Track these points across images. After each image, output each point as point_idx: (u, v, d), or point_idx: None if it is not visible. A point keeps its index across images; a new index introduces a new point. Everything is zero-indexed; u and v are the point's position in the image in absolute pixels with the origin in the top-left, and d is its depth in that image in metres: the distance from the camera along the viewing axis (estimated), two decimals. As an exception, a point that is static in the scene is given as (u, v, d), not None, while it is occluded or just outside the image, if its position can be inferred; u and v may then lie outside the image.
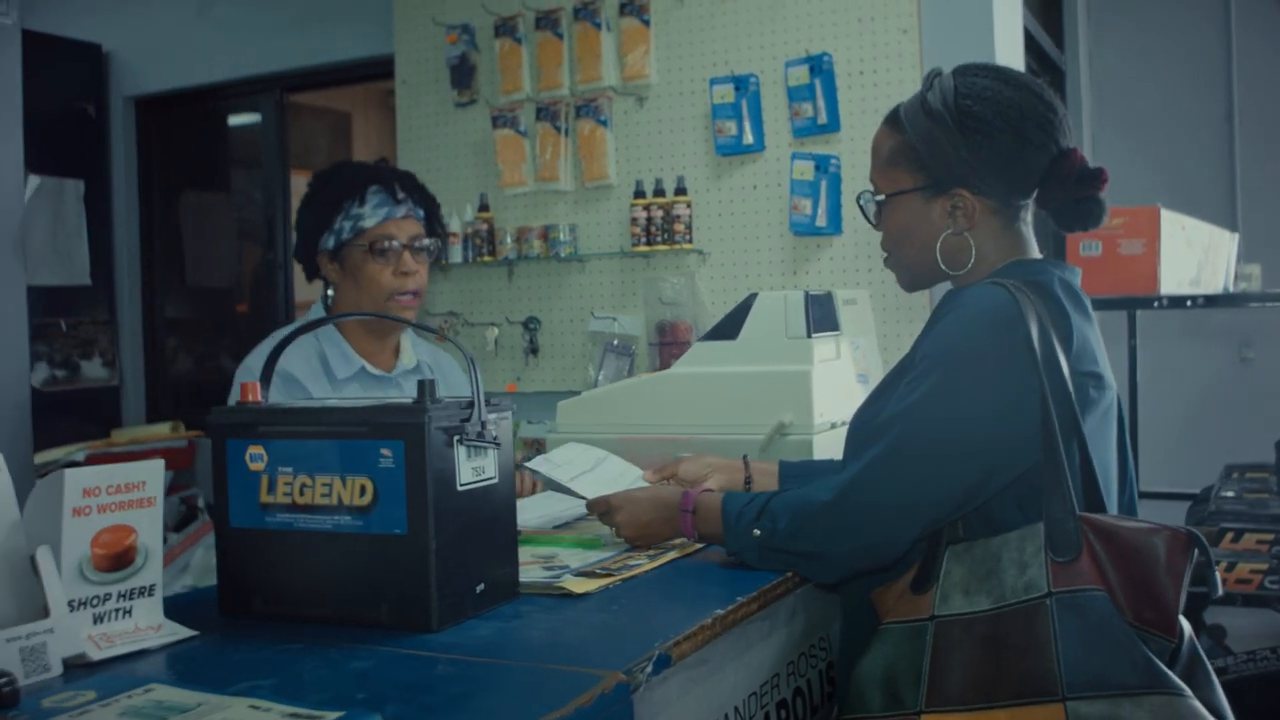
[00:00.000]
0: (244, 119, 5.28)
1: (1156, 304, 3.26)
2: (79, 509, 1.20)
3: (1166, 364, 4.75)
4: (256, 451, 1.34)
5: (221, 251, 5.46)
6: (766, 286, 3.23)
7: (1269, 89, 5.18)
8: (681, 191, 3.33)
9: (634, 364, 3.39)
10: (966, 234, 1.57)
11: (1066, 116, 1.57)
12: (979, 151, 1.52)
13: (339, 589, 1.31)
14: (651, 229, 3.33)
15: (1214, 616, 3.22)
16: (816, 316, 2.22)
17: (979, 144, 1.52)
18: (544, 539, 1.78)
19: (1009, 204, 1.57)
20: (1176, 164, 5.21)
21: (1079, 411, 1.40)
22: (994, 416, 1.41)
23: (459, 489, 1.29)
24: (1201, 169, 5.24)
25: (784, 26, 3.24)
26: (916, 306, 3.00)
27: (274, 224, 5.03)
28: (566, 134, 3.51)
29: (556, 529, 1.89)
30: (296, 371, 2.09)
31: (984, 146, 1.52)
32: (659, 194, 3.34)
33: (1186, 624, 1.28)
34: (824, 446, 2.09)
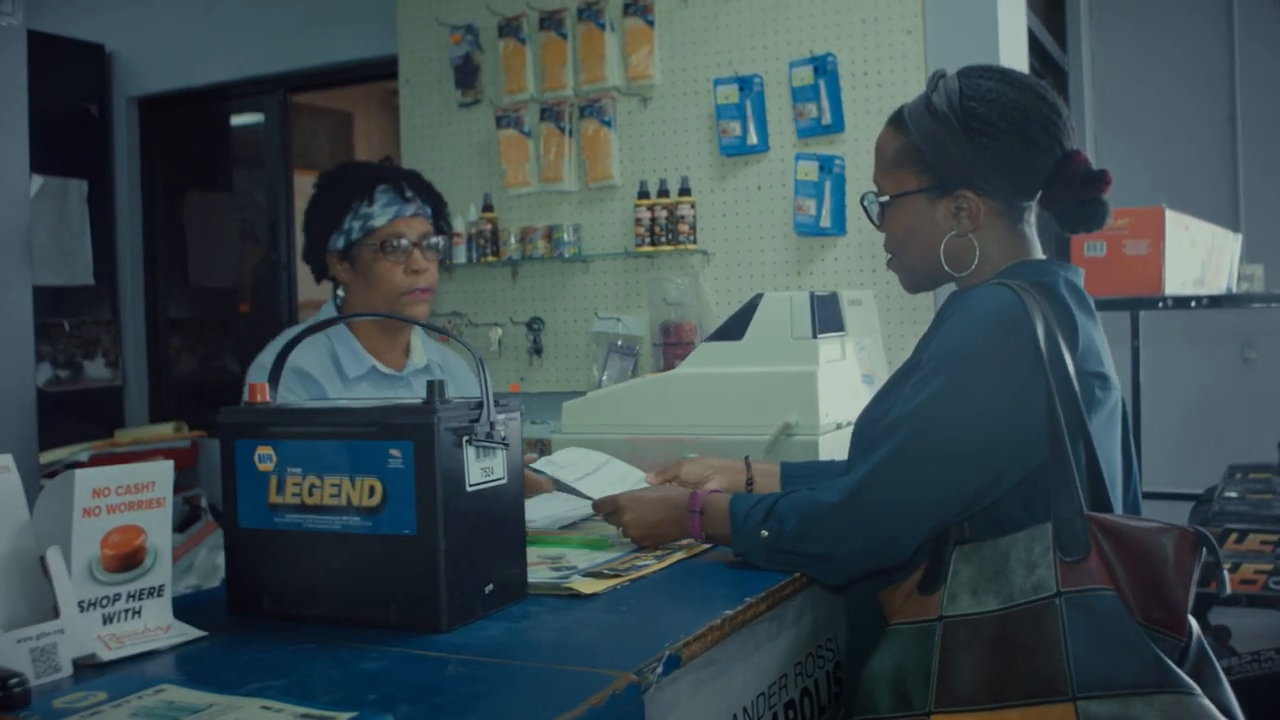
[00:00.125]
0: (247, 119, 5.28)
1: (1161, 304, 3.26)
2: (89, 509, 1.20)
3: (1169, 364, 4.75)
4: (265, 452, 1.34)
5: (224, 252, 5.47)
6: (770, 287, 3.23)
7: (1271, 91, 5.18)
8: (686, 192, 3.33)
9: (638, 364, 3.39)
10: (971, 235, 1.57)
11: (1070, 118, 1.57)
12: (984, 153, 1.52)
13: (348, 590, 1.31)
14: (656, 229, 3.33)
15: (1218, 617, 3.22)
16: (822, 317, 2.22)
17: (984, 146, 1.52)
18: (550, 539, 1.78)
19: (1013, 205, 1.57)
20: (1178, 165, 5.21)
21: (1085, 411, 1.40)
22: (1001, 416, 1.41)
23: (468, 489, 1.30)
24: (1203, 170, 5.24)
25: (788, 27, 3.24)
26: (921, 307, 3.00)
27: (277, 224, 5.04)
28: (570, 134, 3.51)
29: (563, 529, 1.89)
30: (312, 369, 2.10)
31: (989, 148, 1.52)
32: (663, 194, 3.34)
33: (1195, 623, 1.28)
34: (829, 447, 2.09)
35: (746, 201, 3.31)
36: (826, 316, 2.25)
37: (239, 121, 5.34)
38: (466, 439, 1.29)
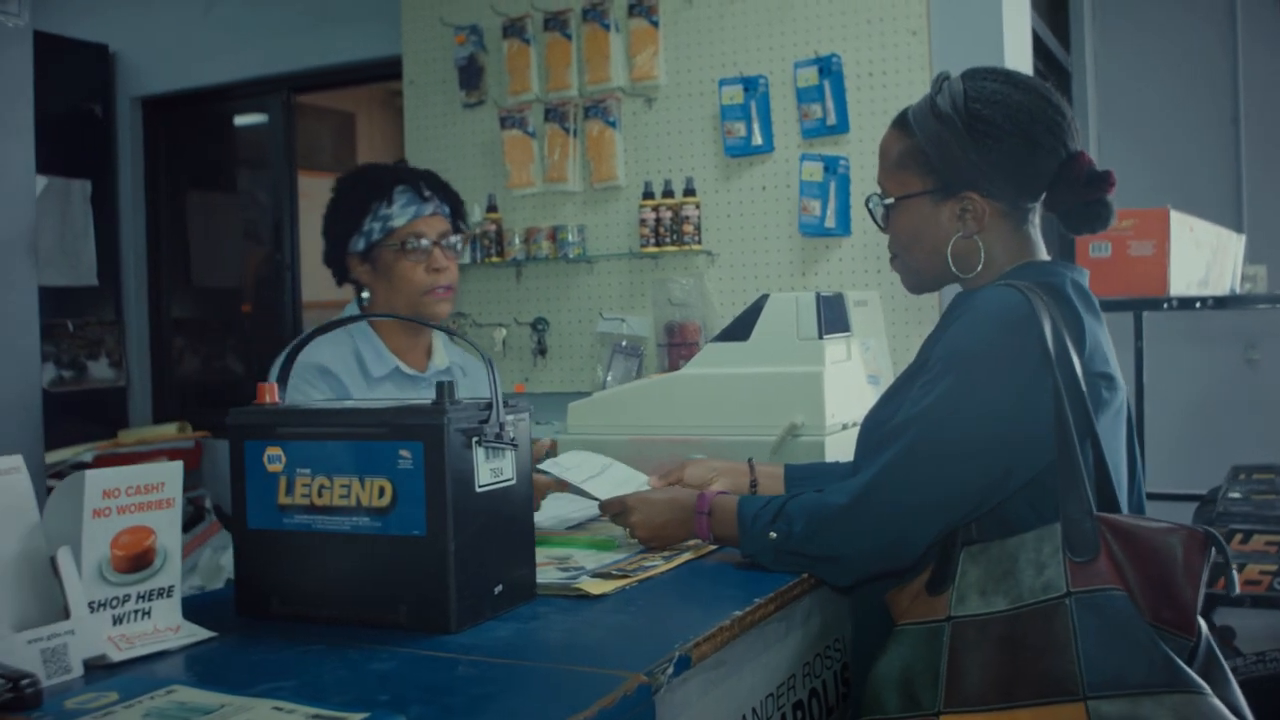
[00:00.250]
0: (251, 119, 5.28)
1: (1166, 305, 3.26)
2: (99, 510, 1.20)
3: (1171, 365, 4.74)
4: (275, 453, 1.34)
5: (228, 252, 5.47)
6: (775, 288, 3.23)
7: (1274, 91, 5.17)
8: (690, 192, 3.33)
9: (642, 365, 3.39)
10: (975, 237, 1.57)
11: (1074, 120, 1.58)
12: (989, 155, 1.52)
13: (357, 590, 1.31)
14: (660, 230, 3.33)
15: (1223, 618, 3.22)
16: (828, 318, 2.22)
17: (989, 147, 1.52)
18: (557, 540, 1.78)
19: (1018, 207, 1.58)
20: (1181, 165, 5.20)
21: (1093, 412, 1.40)
22: (1009, 417, 1.41)
23: (478, 490, 1.30)
24: (1206, 171, 5.24)
25: (793, 28, 3.24)
26: (925, 307, 3.00)
27: (281, 224, 5.04)
28: (575, 135, 3.51)
29: (569, 530, 1.89)
30: (334, 366, 2.11)
31: (994, 150, 1.52)
32: (668, 195, 3.34)
33: (1203, 623, 1.28)
34: (836, 448, 2.09)
35: (751, 202, 3.31)
36: (832, 317, 2.25)
37: (243, 122, 5.34)
38: (476, 440, 1.29)
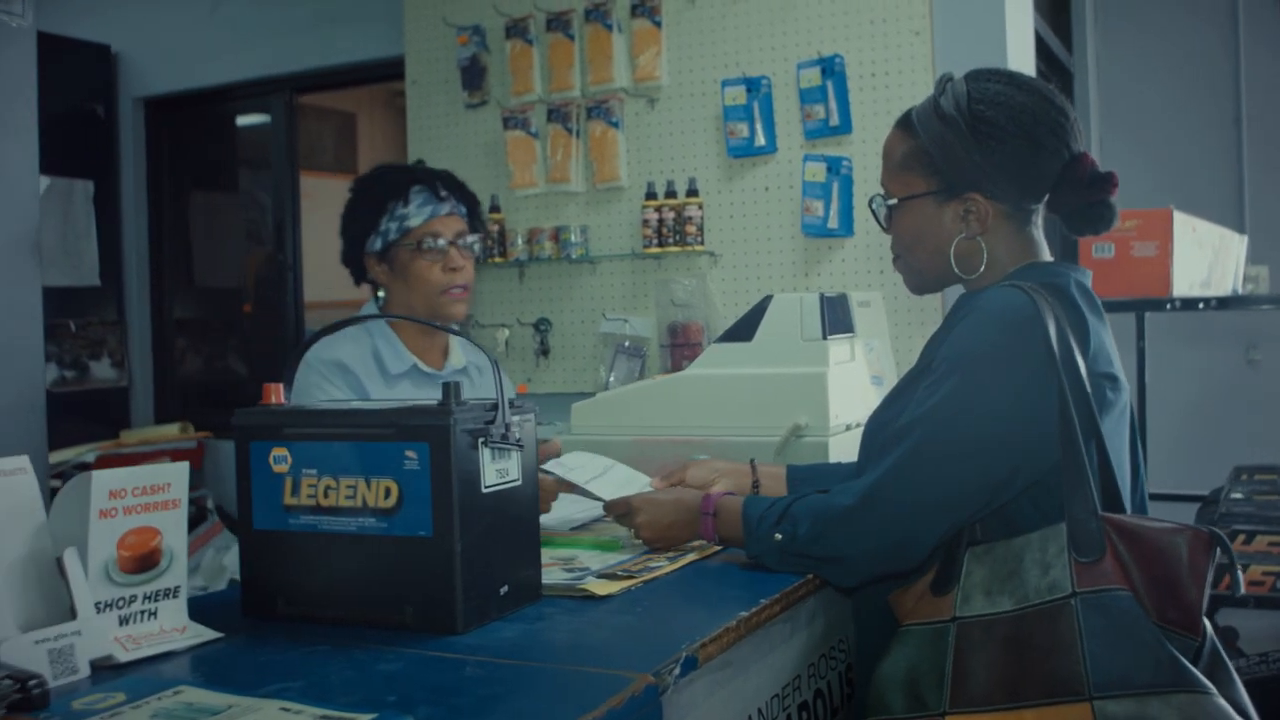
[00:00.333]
0: (253, 120, 5.28)
1: (1169, 306, 3.26)
2: (105, 511, 1.21)
3: (1173, 366, 4.75)
4: (280, 453, 1.35)
5: (230, 252, 5.47)
6: (778, 288, 3.23)
7: (1276, 93, 5.17)
8: (693, 193, 3.33)
9: (645, 366, 3.39)
10: (979, 238, 1.57)
11: (1077, 121, 1.58)
12: (992, 156, 1.53)
13: (363, 591, 1.31)
14: (663, 230, 3.33)
15: (1226, 618, 3.22)
16: (831, 318, 2.22)
17: (992, 149, 1.52)
18: (562, 540, 1.79)
19: (1021, 208, 1.58)
20: (1183, 166, 5.20)
21: (1097, 412, 1.40)
22: (1014, 417, 1.41)
23: (484, 491, 1.30)
24: (1208, 172, 5.24)
25: (796, 28, 3.24)
26: (929, 308, 3.00)
27: (283, 225, 5.04)
28: (578, 135, 3.51)
29: (574, 530, 1.89)
30: (351, 363, 2.12)
31: (997, 151, 1.52)
32: (670, 195, 3.34)
33: (1208, 623, 1.28)
34: (839, 448, 2.09)
35: (754, 203, 3.31)
36: (836, 318, 2.25)
37: (245, 122, 5.34)
38: (482, 441, 1.29)
